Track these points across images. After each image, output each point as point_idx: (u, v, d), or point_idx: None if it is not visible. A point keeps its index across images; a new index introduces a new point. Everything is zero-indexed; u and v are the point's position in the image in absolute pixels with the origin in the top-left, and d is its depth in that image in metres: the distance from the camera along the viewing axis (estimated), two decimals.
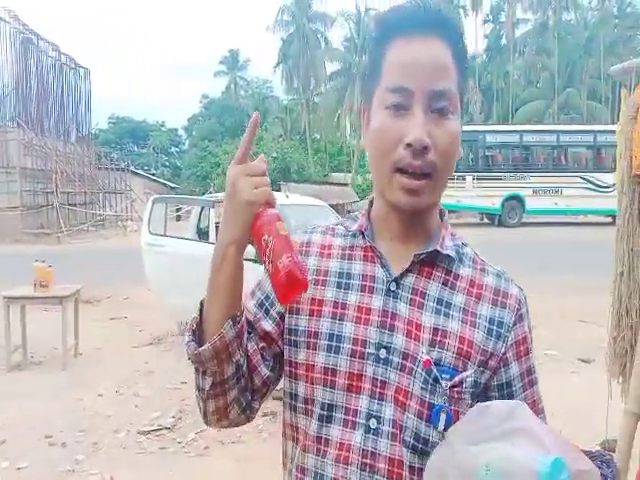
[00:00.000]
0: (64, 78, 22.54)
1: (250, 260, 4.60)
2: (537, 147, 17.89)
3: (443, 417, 0.74)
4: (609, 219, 17.08)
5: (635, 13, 37.99)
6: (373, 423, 0.76)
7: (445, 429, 0.74)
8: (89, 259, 11.75)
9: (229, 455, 3.49)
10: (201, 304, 0.78)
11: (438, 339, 0.77)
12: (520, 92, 37.61)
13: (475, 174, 16.89)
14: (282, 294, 0.68)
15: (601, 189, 16.92)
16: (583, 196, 16.98)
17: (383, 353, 0.77)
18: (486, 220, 18.37)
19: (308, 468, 0.80)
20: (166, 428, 3.87)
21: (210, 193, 15.82)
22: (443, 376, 0.75)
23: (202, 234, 6.23)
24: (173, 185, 32.35)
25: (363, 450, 0.76)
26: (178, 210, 17.69)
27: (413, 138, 0.74)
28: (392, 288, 0.79)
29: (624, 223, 2.17)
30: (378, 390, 0.77)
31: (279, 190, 17.46)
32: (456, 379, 0.76)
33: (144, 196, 23.96)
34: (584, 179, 17.22)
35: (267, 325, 0.84)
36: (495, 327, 0.79)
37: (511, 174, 17.37)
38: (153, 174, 35.47)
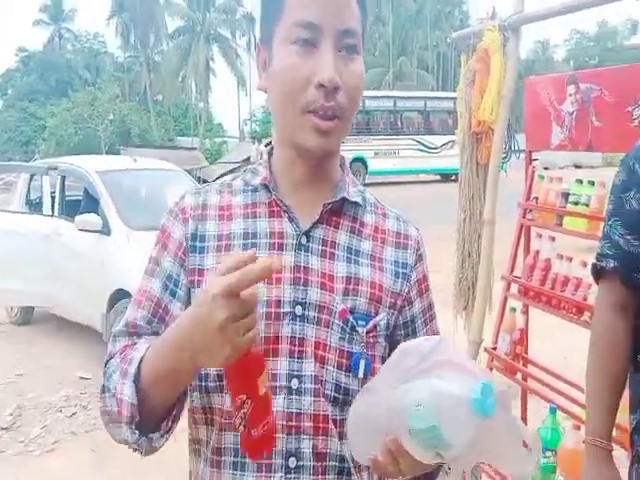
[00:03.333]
0: None
1: (97, 232, 4.12)
2: (377, 112, 19.07)
3: (362, 364, 0.75)
4: (438, 177, 19.17)
5: None
6: (295, 383, 0.74)
7: (365, 376, 0.75)
8: None
9: (84, 446, 3.20)
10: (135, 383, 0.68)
11: (351, 287, 0.77)
12: None
13: None
14: (251, 454, 0.68)
15: (431, 150, 18.78)
16: (416, 157, 18.67)
17: (299, 310, 0.75)
18: None
19: (226, 447, 0.75)
20: (2, 428, 3.42)
21: (35, 160, 13.95)
22: (359, 322, 0.76)
23: (33, 205, 5.51)
24: None
25: (287, 413, 0.74)
26: None
27: (326, 78, 0.71)
28: (303, 242, 0.77)
29: (465, 175, 2.39)
30: (297, 348, 0.75)
31: (118, 154, 16.06)
32: (371, 324, 0.77)
33: None
34: (416, 141, 18.90)
35: (176, 309, 0.77)
36: (400, 269, 0.82)
37: (355, 137, 18.30)
38: None
